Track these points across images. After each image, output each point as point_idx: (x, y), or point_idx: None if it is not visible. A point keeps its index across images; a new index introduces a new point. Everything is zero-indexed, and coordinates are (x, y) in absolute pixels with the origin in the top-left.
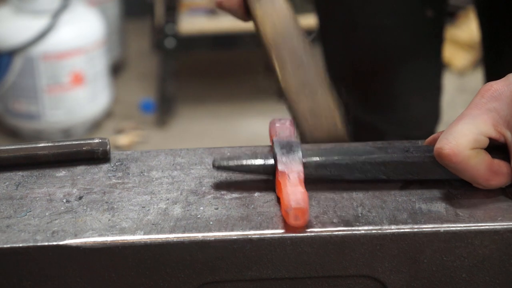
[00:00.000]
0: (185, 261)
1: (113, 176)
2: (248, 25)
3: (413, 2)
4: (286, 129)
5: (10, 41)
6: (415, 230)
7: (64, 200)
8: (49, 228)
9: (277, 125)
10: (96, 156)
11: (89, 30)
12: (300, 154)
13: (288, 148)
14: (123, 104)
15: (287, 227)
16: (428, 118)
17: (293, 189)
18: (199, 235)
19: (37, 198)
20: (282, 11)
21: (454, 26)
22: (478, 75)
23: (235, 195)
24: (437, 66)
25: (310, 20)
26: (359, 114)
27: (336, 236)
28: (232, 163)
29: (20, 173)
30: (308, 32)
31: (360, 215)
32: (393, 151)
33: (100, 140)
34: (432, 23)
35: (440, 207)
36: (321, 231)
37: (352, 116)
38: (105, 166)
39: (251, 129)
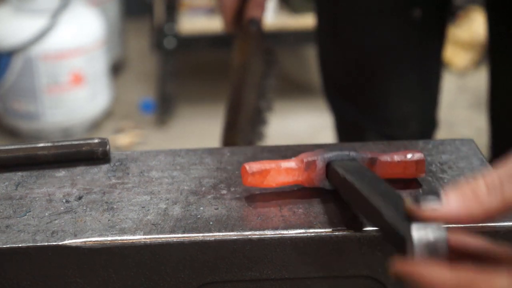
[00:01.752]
0: (185, 261)
1: (113, 176)
2: None
3: (398, 1)
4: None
5: (10, 41)
6: None
7: (64, 200)
8: (49, 228)
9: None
10: (96, 156)
11: (89, 30)
12: (328, 155)
13: (341, 150)
14: (123, 104)
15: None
16: (413, 119)
17: (278, 162)
18: (199, 236)
19: (37, 198)
20: (251, 50)
21: (454, 25)
22: (478, 75)
23: (235, 195)
24: (428, 68)
25: (310, 20)
26: (343, 110)
27: (336, 236)
28: None
29: (20, 173)
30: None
31: (360, 215)
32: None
33: (99, 140)
34: (421, 23)
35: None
36: (321, 231)
37: (337, 111)
38: (105, 166)
39: None
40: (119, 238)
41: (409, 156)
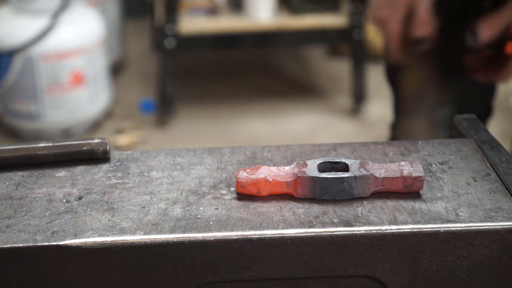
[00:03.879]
0: (185, 261)
1: (113, 176)
2: (248, 25)
3: None
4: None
5: (10, 41)
6: (415, 230)
7: (64, 200)
8: (49, 228)
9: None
10: (96, 156)
11: (89, 30)
12: (316, 167)
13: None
14: (123, 104)
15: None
16: (472, 101)
17: (270, 169)
18: (199, 235)
19: (37, 198)
20: (422, 76)
21: None
22: None
23: (235, 195)
24: None
25: (310, 20)
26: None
27: (336, 236)
28: None
29: (20, 173)
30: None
31: (360, 215)
32: None
33: (100, 140)
34: (488, 11)
35: (440, 207)
36: (321, 231)
37: (398, 89)
38: (105, 166)
39: (251, 129)
40: (119, 238)
41: (406, 172)
